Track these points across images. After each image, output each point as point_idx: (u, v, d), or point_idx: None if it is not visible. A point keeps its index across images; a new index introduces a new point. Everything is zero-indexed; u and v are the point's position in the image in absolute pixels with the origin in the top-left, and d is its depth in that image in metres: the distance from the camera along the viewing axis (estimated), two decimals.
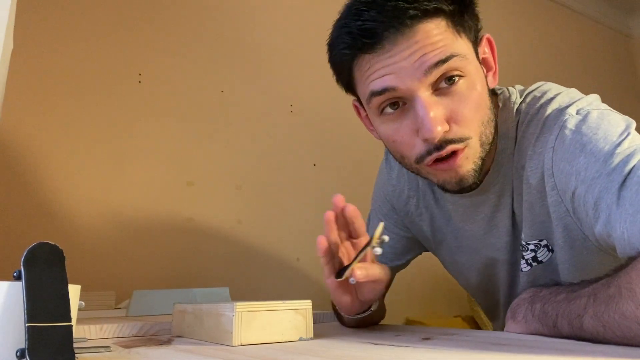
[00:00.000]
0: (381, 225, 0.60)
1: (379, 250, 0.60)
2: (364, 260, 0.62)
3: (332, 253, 0.63)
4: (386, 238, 0.60)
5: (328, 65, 0.70)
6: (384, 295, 0.94)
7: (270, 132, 1.54)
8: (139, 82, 1.33)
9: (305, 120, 1.61)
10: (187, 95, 1.40)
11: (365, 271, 0.60)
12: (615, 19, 3.01)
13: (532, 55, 2.39)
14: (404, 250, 0.90)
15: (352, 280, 0.60)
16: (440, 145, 0.60)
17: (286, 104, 1.59)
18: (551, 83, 0.72)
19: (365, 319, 0.72)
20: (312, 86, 1.63)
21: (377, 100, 0.62)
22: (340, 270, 0.62)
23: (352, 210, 0.62)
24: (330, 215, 0.62)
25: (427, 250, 0.91)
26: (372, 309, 0.70)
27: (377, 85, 0.61)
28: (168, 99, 1.37)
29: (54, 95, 1.21)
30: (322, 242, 0.61)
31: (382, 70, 0.60)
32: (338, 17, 0.65)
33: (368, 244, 0.60)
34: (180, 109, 1.39)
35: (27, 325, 0.40)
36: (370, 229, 0.93)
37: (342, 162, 1.66)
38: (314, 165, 1.61)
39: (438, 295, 1.77)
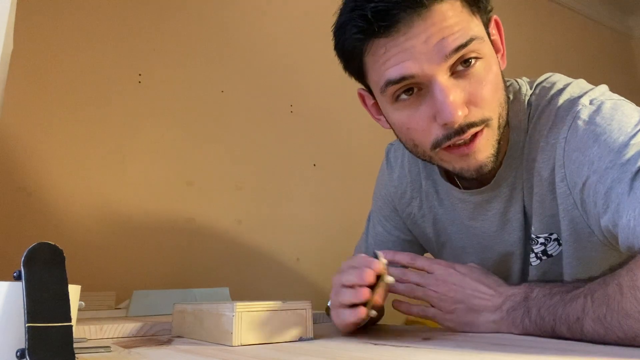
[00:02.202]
0: (380, 255, 0.61)
1: (391, 279, 0.60)
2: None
3: None
4: (391, 279, 0.60)
5: (328, 65, 0.68)
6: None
7: (270, 132, 1.54)
8: (139, 82, 1.33)
9: (305, 120, 1.61)
10: (187, 95, 1.40)
11: (381, 297, 0.61)
12: (615, 19, 3.01)
13: (532, 55, 2.39)
14: None
15: (373, 314, 0.60)
16: (460, 129, 0.59)
17: (286, 104, 1.59)
18: (558, 74, 0.71)
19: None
20: (312, 86, 1.63)
21: (392, 88, 0.60)
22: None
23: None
24: (367, 294, 0.60)
25: (427, 252, 0.91)
26: (371, 315, 0.70)
27: (394, 72, 0.59)
28: (168, 99, 1.37)
29: (54, 95, 1.21)
30: (364, 312, 0.60)
31: (399, 55, 0.58)
32: (344, 2, 0.62)
33: (378, 281, 0.60)
34: (180, 109, 1.39)
35: (27, 325, 0.40)
36: (370, 229, 0.93)
37: (342, 162, 1.66)
38: (314, 165, 1.61)
39: None
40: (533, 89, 0.70)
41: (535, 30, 2.50)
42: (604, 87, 0.65)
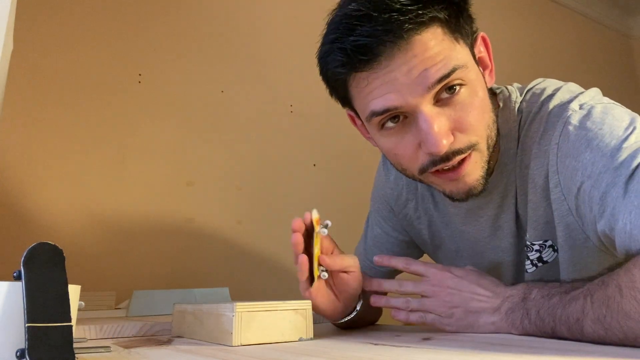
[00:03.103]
0: (314, 210, 0.65)
1: (324, 231, 0.63)
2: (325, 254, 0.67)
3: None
4: (329, 222, 0.64)
5: None
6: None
7: (270, 132, 1.54)
8: (139, 82, 1.33)
9: (305, 120, 1.61)
10: (187, 95, 1.40)
11: (332, 259, 0.64)
12: (615, 19, 3.01)
13: (531, 55, 2.39)
14: (402, 254, 0.89)
15: (323, 275, 0.63)
16: (446, 157, 0.59)
17: (286, 104, 1.59)
18: (549, 79, 0.71)
19: (357, 320, 0.72)
20: (312, 86, 1.62)
21: (377, 118, 0.61)
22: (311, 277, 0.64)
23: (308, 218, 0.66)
24: (299, 237, 0.64)
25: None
26: (357, 309, 0.70)
27: (377, 104, 0.59)
28: (168, 99, 1.37)
29: (53, 95, 1.21)
30: (303, 259, 0.63)
31: (381, 87, 0.58)
32: (326, 29, 0.62)
33: (312, 233, 0.63)
34: (180, 109, 1.39)
35: (27, 325, 0.40)
36: (368, 231, 0.93)
37: (342, 162, 1.66)
38: (314, 165, 1.61)
39: None
40: (523, 95, 0.69)
41: (535, 30, 2.50)
42: (594, 91, 0.65)
